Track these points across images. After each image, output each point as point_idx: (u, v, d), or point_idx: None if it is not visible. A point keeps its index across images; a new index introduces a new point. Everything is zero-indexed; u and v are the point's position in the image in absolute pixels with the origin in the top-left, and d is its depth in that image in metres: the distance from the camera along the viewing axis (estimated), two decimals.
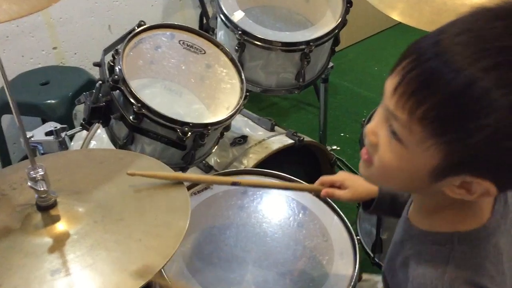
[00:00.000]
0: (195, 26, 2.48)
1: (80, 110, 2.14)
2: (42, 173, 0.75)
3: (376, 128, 0.66)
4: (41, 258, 0.73)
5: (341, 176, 1.03)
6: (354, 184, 1.00)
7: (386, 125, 0.64)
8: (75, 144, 1.52)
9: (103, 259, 0.74)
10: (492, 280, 0.66)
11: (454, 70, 0.55)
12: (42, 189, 0.75)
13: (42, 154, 1.32)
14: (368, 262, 1.52)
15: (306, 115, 2.63)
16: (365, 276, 1.16)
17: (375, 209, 0.99)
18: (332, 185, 1.02)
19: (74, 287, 0.69)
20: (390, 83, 0.61)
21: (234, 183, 1.00)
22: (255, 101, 2.60)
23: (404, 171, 0.64)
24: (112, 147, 1.27)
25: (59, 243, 0.75)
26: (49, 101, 1.88)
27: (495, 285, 0.66)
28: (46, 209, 0.78)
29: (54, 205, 0.78)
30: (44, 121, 1.76)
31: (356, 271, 1.04)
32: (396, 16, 1.30)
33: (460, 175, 0.61)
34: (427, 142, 0.59)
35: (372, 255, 1.51)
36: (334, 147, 2.31)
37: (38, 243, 0.75)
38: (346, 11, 1.55)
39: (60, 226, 0.78)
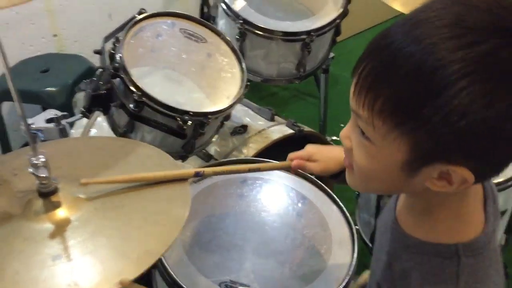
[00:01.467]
0: (196, 14, 2.46)
1: (80, 98, 2.14)
2: (43, 159, 0.75)
3: (348, 132, 0.67)
4: (42, 244, 0.73)
5: (309, 150, 1.02)
6: (323, 157, 1.00)
7: (356, 127, 0.64)
8: (75, 132, 1.52)
9: (103, 246, 0.74)
10: (496, 286, 0.66)
11: (402, 57, 0.55)
12: (43, 175, 0.75)
13: (43, 141, 1.32)
14: (366, 252, 1.53)
15: (306, 106, 2.63)
16: None
17: (343, 178, 0.98)
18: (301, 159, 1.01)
19: (75, 272, 0.70)
20: (352, 85, 0.62)
21: (197, 174, 0.95)
22: (255, 90, 2.60)
23: (379, 170, 0.63)
24: (113, 135, 1.28)
25: (60, 229, 0.76)
26: (49, 89, 1.87)
27: None
28: (47, 195, 0.78)
29: (55, 191, 0.78)
30: (44, 109, 1.76)
31: (354, 260, 1.05)
32: (398, 7, 1.30)
33: (433, 164, 0.59)
34: (391, 135, 0.58)
35: (370, 245, 1.52)
36: (334, 137, 2.30)
37: (39, 229, 0.76)
38: (348, 1, 1.55)
39: (61, 213, 0.78)
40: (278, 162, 1.06)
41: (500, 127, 0.54)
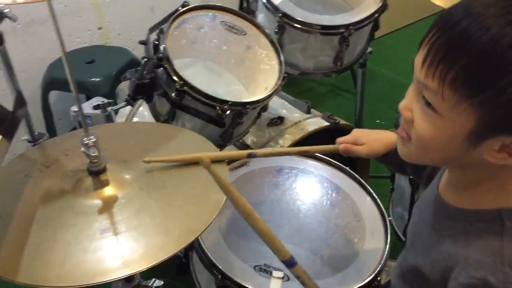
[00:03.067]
0: (235, 9, 2.50)
1: (122, 89, 2.22)
2: (94, 139, 0.80)
3: (409, 104, 0.68)
4: (92, 218, 0.78)
5: (355, 134, 1.04)
6: (369, 139, 1.01)
7: (419, 97, 0.65)
8: (119, 120, 1.59)
9: (147, 222, 0.79)
10: None
11: (481, 28, 0.57)
12: (94, 154, 0.80)
13: (90, 126, 1.39)
14: (398, 245, 1.53)
15: (342, 101, 2.63)
16: None
17: (386, 158, 0.99)
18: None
19: (121, 245, 0.75)
20: (418, 57, 0.63)
21: (249, 154, 1.01)
22: (292, 85, 2.61)
23: (442, 141, 0.65)
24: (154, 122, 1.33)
25: (107, 206, 0.81)
26: (94, 79, 1.96)
27: None
28: (96, 174, 0.83)
29: (103, 170, 0.84)
30: (88, 98, 1.84)
31: (386, 250, 1.06)
32: (439, 2, 1.29)
33: (497, 137, 0.60)
34: (460, 106, 0.60)
35: (403, 238, 1.52)
36: None
37: (89, 204, 0.81)
38: None
39: (109, 190, 0.83)
40: (326, 145, 1.08)
41: None
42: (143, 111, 1.59)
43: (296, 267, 0.79)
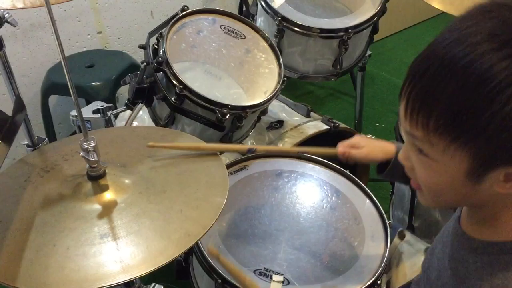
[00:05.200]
0: (235, 13, 2.51)
1: (122, 93, 2.22)
2: (93, 144, 0.80)
3: (406, 153, 0.69)
4: (91, 223, 0.79)
5: (356, 138, 1.07)
6: (369, 144, 1.03)
7: (412, 146, 0.66)
8: (118, 125, 1.59)
9: (147, 227, 0.79)
10: None
11: (449, 72, 0.58)
12: (93, 159, 0.80)
13: (90, 130, 1.39)
14: None
15: (341, 104, 2.63)
16: (408, 236, 1.16)
17: (389, 171, 0.99)
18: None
19: (121, 250, 0.75)
20: (401, 108, 0.64)
21: (250, 150, 1.04)
22: (292, 89, 2.63)
23: (445, 183, 0.65)
24: (154, 126, 1.33)
25: (107, 210, 0.81)
26: (93, 83, 1.96)
27: None
28: (96, 178, 0.83)
29: (103, 175, 0.84)
30: (88, 102, 1.84)
31: (386, 254, 1.06)
32: (436, 4, 1.30)
33: (496, 168, 0.60)
34: (450, 149, 0.60)
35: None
36: (369, 136, 2.31)
37: (88, 209, 0.81)
38: None
39: (108, 195, 0.83)
40: (326, 148, 1.11)
41: None
42: (143, 115, 1.59)
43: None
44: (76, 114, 1.40)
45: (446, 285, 0.76)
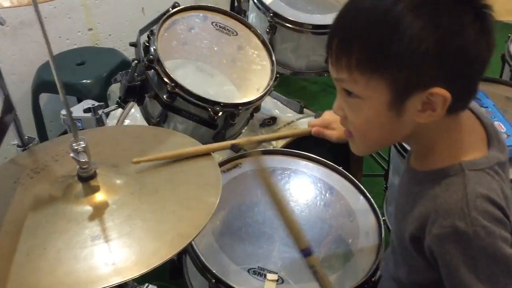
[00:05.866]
0: (227, 8, 2.50)
1: (113, 91, 2.20)
2: (83, 145, 0.79)
3: (338, 104, 0.77)
4: (82, 225, 0.77)
5: (327, 118, 1.10)
6: (340, 126, 1.05)
7: (342, 93, 0.73)
8: (110, 123, 1.57)
9: (139, 228, 0.78)
10: (505, 201, 0.70)
11: (358, 14, 0.68)
12: (83, 160, 0.79)
13: (81, 130, 1.38)
14: None
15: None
16: None
17: None
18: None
19: (113, 252, 0.74)
20: (329, 60, 0.72)
21: (233, 145, 1.06)
22: (284, 85, 2.61)
23: (372, 120, 0.72)
24: (146, 125, 1.32)
25: (98, 212, 0.80)
26: (84, 81, 1.94)
27: (505, 207, 0.69)
28: (86, 179, 0.82)
29: (94, 176, 0.83)
30: (79, 100, 1.82)
31: (381, 250, 1.06)
32: None
33: (413, 96, 0.67)
34: (371, 82, 0.68)
35: None
36: None
37: (79, 211, 0.80)
38: None
39: (99, 196, 0.82)
40: (299, 129, 1.14)
41: (451, 42, 0.64)
42: (135, 113, 1.57)
43: (312, 257, 0.84)
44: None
45: (401, 219, 0.81)
